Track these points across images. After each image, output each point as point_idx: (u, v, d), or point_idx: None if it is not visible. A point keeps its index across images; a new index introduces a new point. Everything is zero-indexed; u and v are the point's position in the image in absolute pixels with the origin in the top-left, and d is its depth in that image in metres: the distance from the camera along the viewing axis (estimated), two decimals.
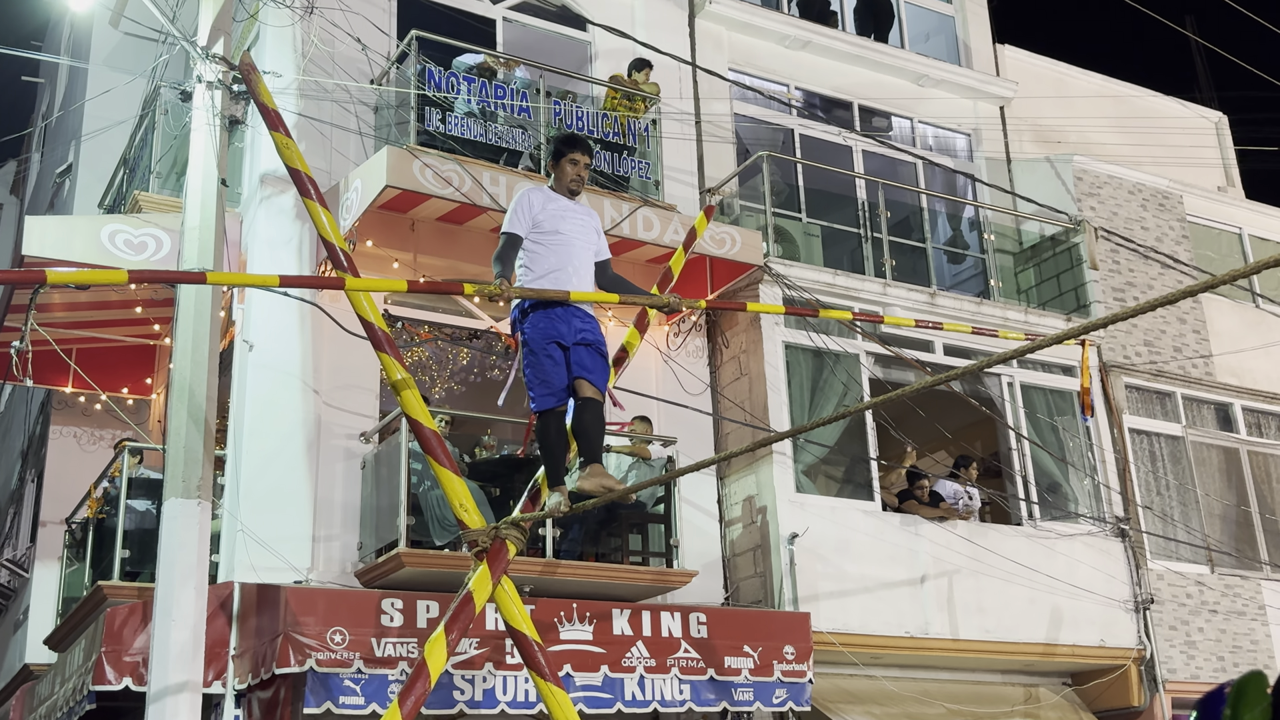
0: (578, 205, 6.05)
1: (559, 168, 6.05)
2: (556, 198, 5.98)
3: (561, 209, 5.92)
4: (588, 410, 5.70)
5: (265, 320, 9.69)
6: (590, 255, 5.97)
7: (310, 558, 9.30)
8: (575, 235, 5.90)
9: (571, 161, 6.00)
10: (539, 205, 5.87)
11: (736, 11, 13.05)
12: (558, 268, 5.76)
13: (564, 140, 6.17)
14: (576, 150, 6.05)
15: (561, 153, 6.07)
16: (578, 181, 6.03)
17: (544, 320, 5.66)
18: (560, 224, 5.86)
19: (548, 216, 5.85)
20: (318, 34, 10.11)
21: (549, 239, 5.81)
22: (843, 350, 11.55)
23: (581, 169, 6.04)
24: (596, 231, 6.08)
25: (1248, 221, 15.16)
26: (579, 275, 5.82)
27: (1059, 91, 15.37)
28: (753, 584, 10.80)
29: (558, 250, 5.80)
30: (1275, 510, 13.70)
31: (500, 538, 5.65)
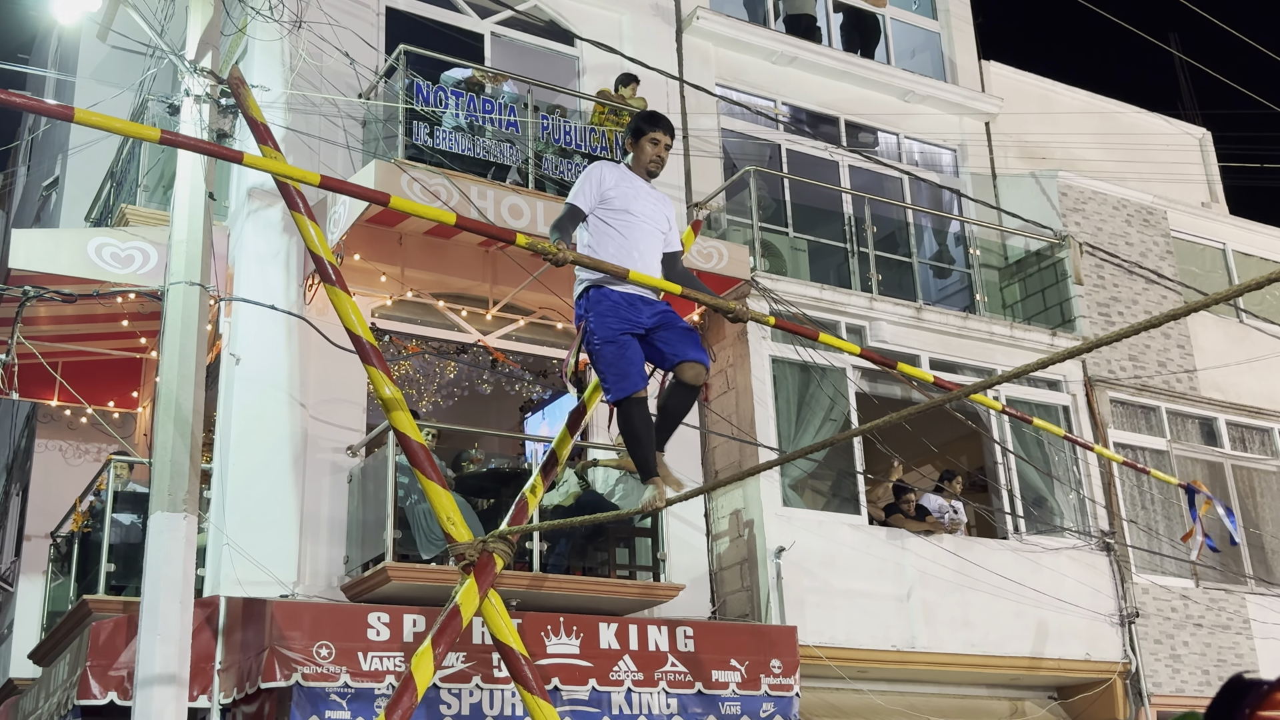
0: (653, 190, 5.63)
1: (638, 146, 5.60)
2: (632, 177, 5.56)
3: (635, 190, 5.51)
4: (682, 395, 5.35)
5: (252, 334, 9.69)
6: (659, 244, 5.55)
7: (296, 572, 9.27)
8: (646, 218, 5.49)
9: (652, 141, 5.57)
10: (611, 181, 5.46)
11: (723, 27, 13.12)
12: (622, 251, 5.32)
13: (646, 117, 5.69)
14: (659, 129, 5.60)
15: (642, 130, 5.61)
16: (657, 163, 5.60)
17: (611, 312, 5.25)
18: (631, 204, 5.44)
19: (619, 194, 5.44)
20: (306, 48, 10.13)
21: (617, 218, 5.41)
22: (829, 364, 11.58)
23: (662, 150, 5.60)
24: (669, 220, 5.66)
25: (1231, 237, 15.27)
26: (645, 262, 5.35)
27: (1044, 107, 15.47)
28: (740, 598, 10.80)
29: (625, 231, 5.39)
30: (1260, 525, 13.77)
31: (487, 551, 5.65)
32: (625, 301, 5.26)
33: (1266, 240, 15.53)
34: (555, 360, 11.39)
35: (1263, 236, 15.53)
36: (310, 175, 4.19)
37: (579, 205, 5.39)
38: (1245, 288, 3.37)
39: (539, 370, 11.62)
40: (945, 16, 15.31)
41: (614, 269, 4.96)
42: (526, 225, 9.77)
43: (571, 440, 6.65)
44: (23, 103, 3.47)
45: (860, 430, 5.18)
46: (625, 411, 5.25)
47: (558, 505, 9.87)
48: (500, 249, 10.45)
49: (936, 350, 12.22)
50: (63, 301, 9.79)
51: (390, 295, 10.25)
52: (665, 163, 5.64)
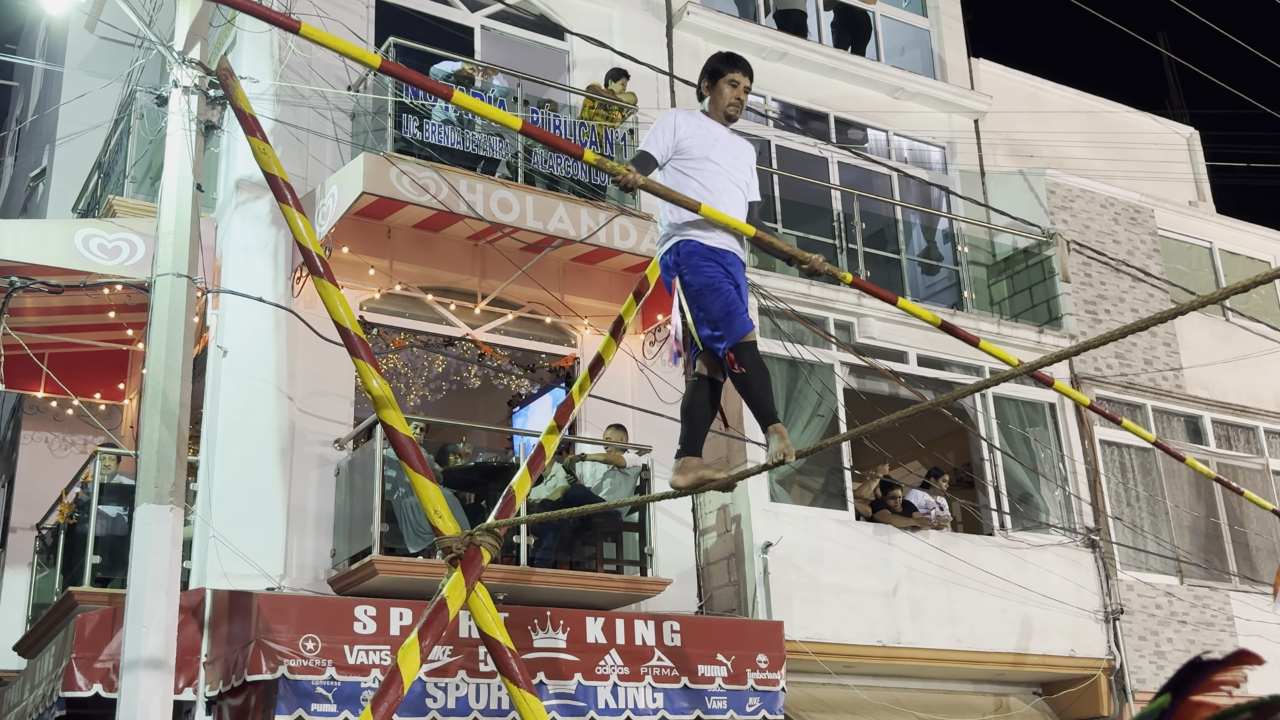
0: (733, 135, 5.30)
1: (716, 89, 5.28)
2: (709, 123, 5.24)
3: (714, 137, 5.19)
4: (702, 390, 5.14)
5: (240, 326, 9.67)
6: (742, 193, 5.21)
7: (283, 564, 9.26)
8: (727, 167, 5.16)
9: (731, 83, 5.24)
10: (687, 129, 5.14)
11: (714, 23, 13.12)
12: (705, 198, 5.00)
13: (723, 58, 5.36)
14: (737, 69, 5.26)
15: (719, 72, 5.28)
16: (736, 106, 5.27)
17: (705, 260, 4.95)
18: (711, 151, 5.13)
19: (697, 143, 5.12)
20: (295, 40, 10.10)
21: (697, 168, 5.09)
22: (817, 360, 11.61)
23: (742, 92, 5.26)
24: (751, 168, 5.33)
25: (1218, 236, 15.33)
26: (729, 211, 5.05)
27: (1033, 106, 15.51)
28: (726, 593, 10.83)
29: (707, 181, 5.07)
30: (1244, 522, 13.84)
31: (475, 544, 5.65)
32: (717, 255, 4.97)
33: (1253, 239, 15.60)
34: (543, 355, 11.39)
35: (1249, 235, 15.60)
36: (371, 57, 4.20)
37: (651, 152, 5.08)
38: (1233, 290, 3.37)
39: (527, 364, 11.62)
40: (935, 14, 15.33)
41: (685, 200, 4.68)
42: (515, 219, 9.78)
43: (559, 434, 6.66)
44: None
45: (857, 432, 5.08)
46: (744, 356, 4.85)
47: (545, 500, 9.88)
48: (489, 242, 10.44)
49: (924, 347, 12.26)
50: (49, 292, 9.75)
51: (379, 288, 10.24)
52: (745, 106, 5.33)
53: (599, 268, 11.08)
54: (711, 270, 4.93)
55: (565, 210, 10.02)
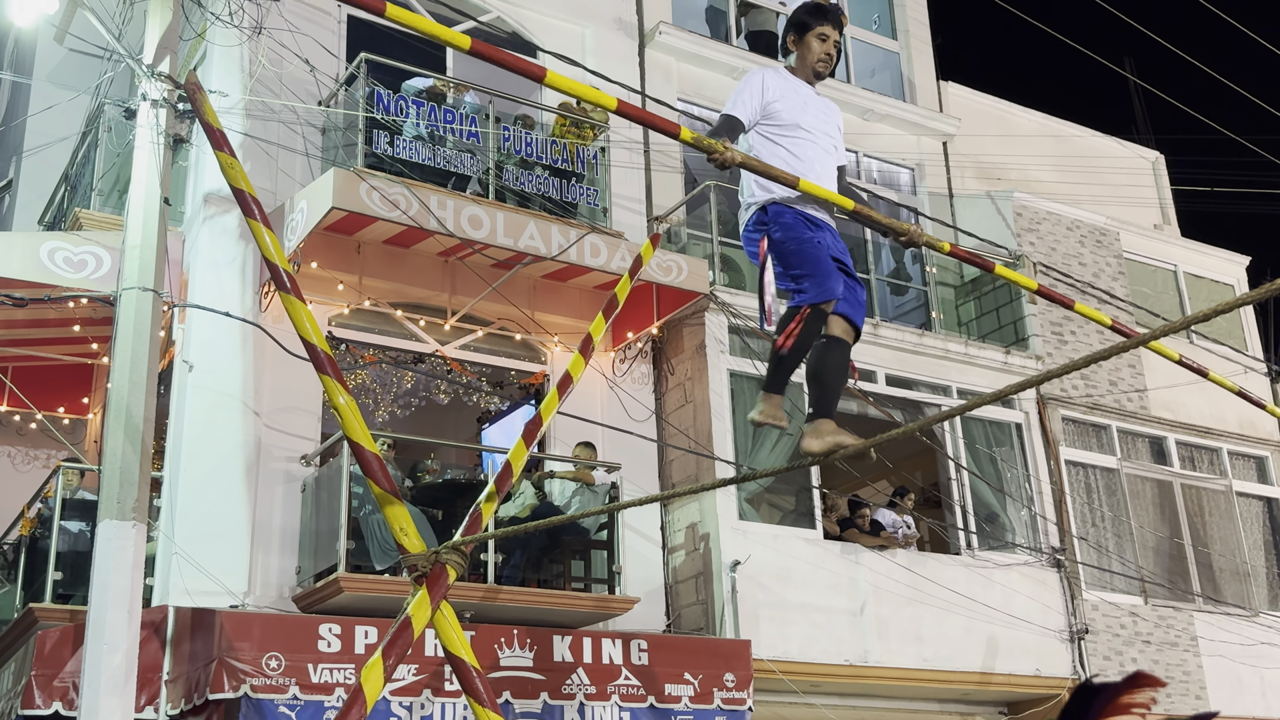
0: (819, 95, 4.88)
1: (804, 44, 4.83)
2: (797, 83, 4.80)
3: (803, 98, 4.76)
4: (835, 351, 4.61)
5: (206, 340, 9.60)
6: (834, 159, 4.82)
7: (247, 582, 9.19)
8: (819, 130, 4.75)
9: (820, 37, 4.80)
10: (775, 90, 4.70)
11: (685, 43, 13.18)
12: (797, 167, 4.56)
13: (810, 9, 4.86)
14: (827, 21, 4.81)
15: (806, 25, 4.83)
16: (826, 62, 4.83)
17: (795, 222, 4.56)
18: (802, 116, 4.71)
19: (786, 106, 4.69)
20: (265, 54, 10.08)
21: (787, 134, 4.68)
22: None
23: (831, 46, 4.83)
24: (839, 129, 4.92)
25: (1183, 259, 15.52)
26: (823, 180, 4.67)
27: (1001, 129, 15.66)
28: (694, 611, 10.82)
29: (798, 150, 4.67)
30: (1208, 543, 13.97)
31: (440, 562, 5.61)
32: (809, 222, 4.59)
33: (1217, 262, 15.80)
34: (513, 372, 11.37)
35: (1213, 259, 15.80)
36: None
37: (738, 115, 4.63)
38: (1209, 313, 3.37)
39: (497, 381, 11.60)
40: (905, 37, 15.48)
41: (784, 175, 4.29)
42: (486, 236, 9.77)
43: (527, 451, 6.64)
44: None
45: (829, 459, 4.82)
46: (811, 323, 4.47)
47: (514, 517, 9.85)
48: (460, 259, 10.43)
49: (892, 366, 12.33)
50: (14, 305, 9.66)
51: (348, 304, 10.20)
52: (835, 61, 4.87)
53: (570, 285, 11.09)
54: (805, 231, 4.56)
55: (536, 227, 10.03)
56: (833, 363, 4.62)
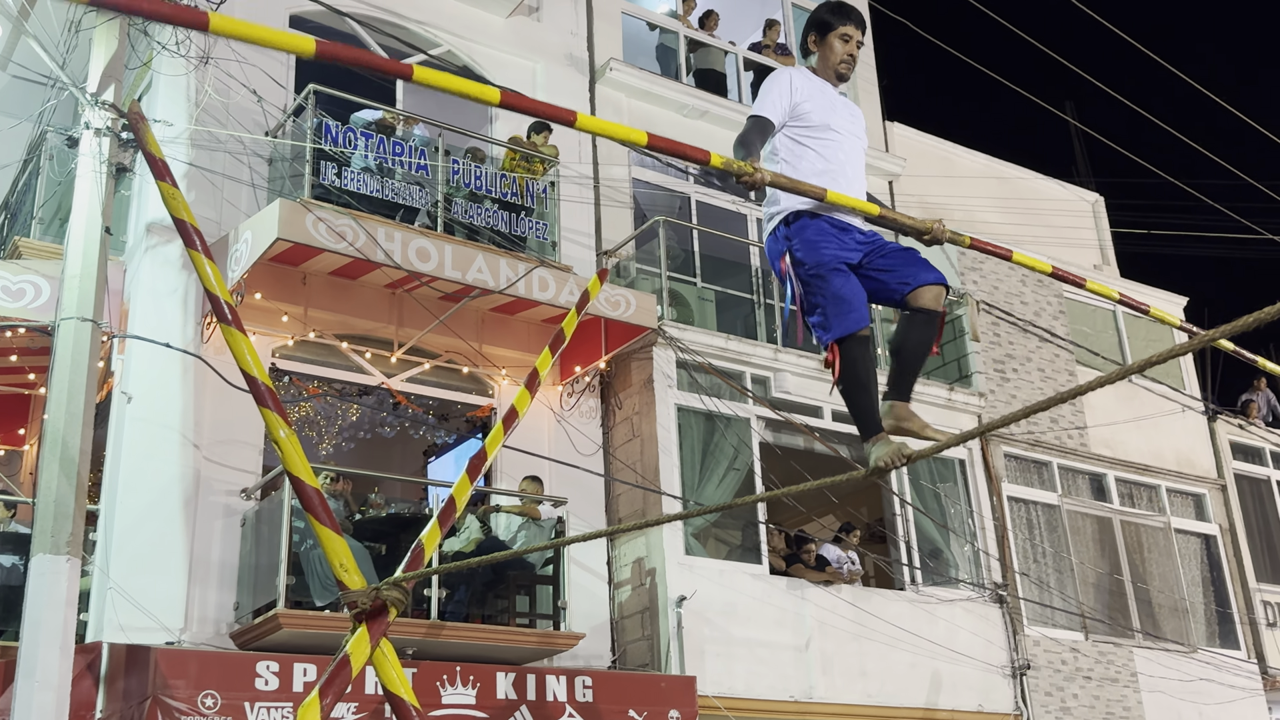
0: (842, 96, 4.76)
1: (825, 44, 4.68)
2: (821, 83, 4.65)
3: (830, 100, 4.63)
4: (922, 325, 4.39)
5: (145, 372, 9.46)
6: (862, 160, 4.71)
7: (184, 618, 9.02)
8: (847, 131, 4.62)
9: (843, 38, 4.66)
10: (804, 90, 4.56)
11: (636, 79, 13.28)
12: (826, 177, 4.42)
13: (832, 8, 4.72)
14: (850, 22, 4.68)
15: (829, 25, 4.68)
16: (849, 63, 4.69)
17: (818, 234, 4.39)
18: (831, 117, 4.57)
19: (816, 106, 4.54)
20: (212, 84, 10.02)
21: (816, 135, 4.52)
22: (734, 414, 11.69)
23: (854, 47, 4.70)
24: (864, 132, 4.82)
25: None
26: (852, 186, 4.50)
27: (945, 170, 15.91)
28: (640, 647, 10.77)
29: (828, 150, 4.52)
30: (1147, 579, 14.15)
31: (381, 599, 5.55)
32: (833, 227, 4.42)
33: (1155, 303, 16.02)
34: (459, 404, 11.31)
35: (1151, 299, 16.10)
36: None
37: (769, 117, 4.48)
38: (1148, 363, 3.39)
39: (443, 414, 11.53)
40: (852, 78, 15.65)
41: (813, 190, 4.17)
42: (434, 269, 9.74)
43: (471, 486, 6.60)
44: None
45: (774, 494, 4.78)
46: (849, 354, 4.29)
47: (459, 552, 9.77)
48: (407, 291, 10.38)
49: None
50: None
51: (292, 335, 10.11)
52: (856, 63, 4.74)
53: (518, 318, 11.07)
54: (828, 250, 4.38)
55: (484, 260, 10.01)
56: (915, 339, 4.38)
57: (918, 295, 4.38)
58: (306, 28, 11.35)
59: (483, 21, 12.41)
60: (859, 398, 4.35)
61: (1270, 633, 14.91)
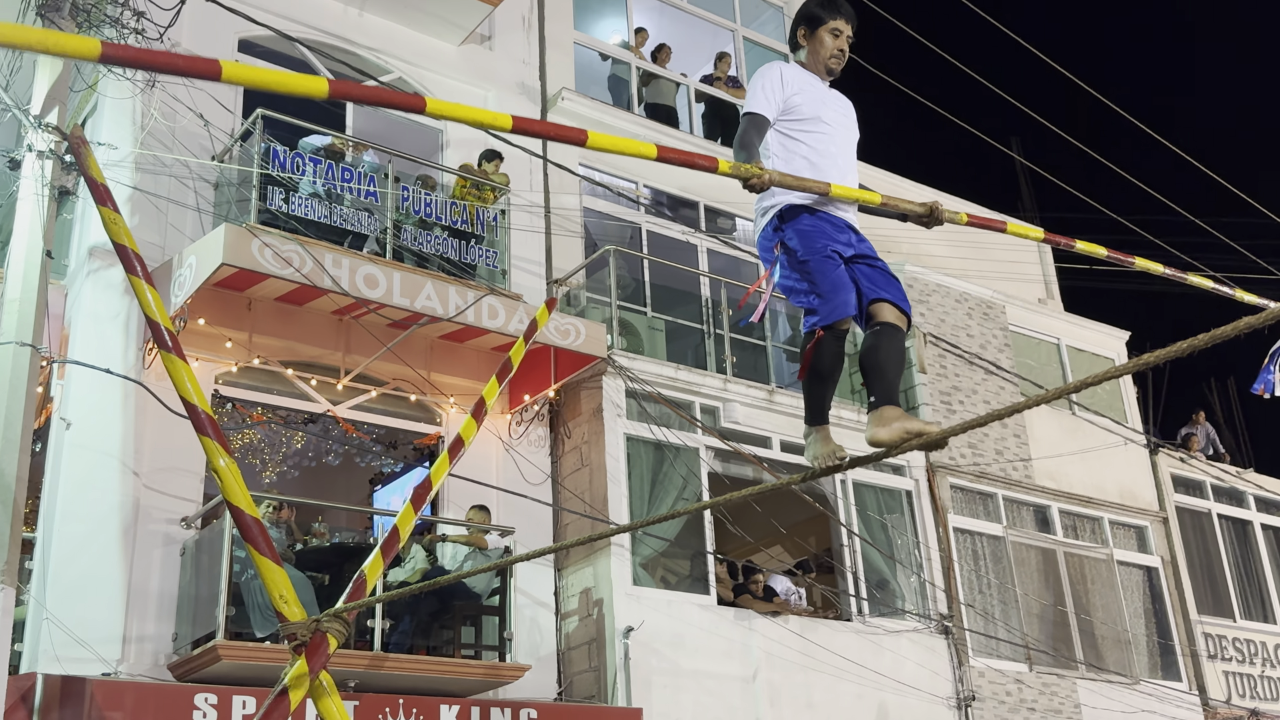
0: (832, 90, 4.72)
1: (815, 39, 4.66)
2: (813, 78, 4.64)
3: (820, 92, 4.61)
4: (888, 338, 4.40)
5: (85, 397, 9.30)
6: (854, 153, 4.70)
7: (121, 649, 8.84)
8: (839, 126, 4.62)
9: (833, 32, 4.63)
10: (795, 82, 4.55)
11: (588, 109, 13.33)
12: (817, 171, 4.45)
13: (823, 3, 4.69)
14: (840, 15, 4.66)
15: (819, 19, 4.66)
16: (839, 59, 4.67)
17: (812, 225, 4.38)
18: (822, 109, 4.57)
19: (807, 99, 4.54)
20: (158, 108, 9.92)
21: (808, 128, 4.52)
22: (683, 444, 11.69)
23: (844, 42, 4.67)
24: (856, 125, 4.81)
25: (1065, 333, 16.04)
26: (846, 178, 4.51)
27: None
28: (586, 678, 10.70)
29: (818, 145, 4.51)
30: (1090, 611, 14.29)
31: (321, 631, 5.48)
32: (828, 222, 4.42)
33: (1097, 336, 16.36)
34: (407, 433, 11.23)
35: (1094, 333, 16.36)
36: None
37: (763, 113, 4.48)
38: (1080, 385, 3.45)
39: (390, 442, 11.43)
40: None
41: (815, 186, 4.21)
42: (382, 295, 9.68)
43: (416, 515, 6.54)
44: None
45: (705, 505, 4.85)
46: (825, 343, 4.33)
47: (404, 582, 9.66)
48: (354, 318, 10.30)
49: (787, 433, 12.45)
50: None
51: (236, 361, 10.00)
52: (846, 59, 4.72)
53: (467, 346, 11.02)
54: (821, 240, 4.38)
55: (433, 288, 9.97)
56: (885, 349, 4.39)
57: (881, 308, 4.40)
58: (255, 52, 11.30)
59: (435, 49, 12.41)
60: (817, 387, 4.41)
61: (1211, 664, 15.11)
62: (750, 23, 16.16)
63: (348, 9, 11.91)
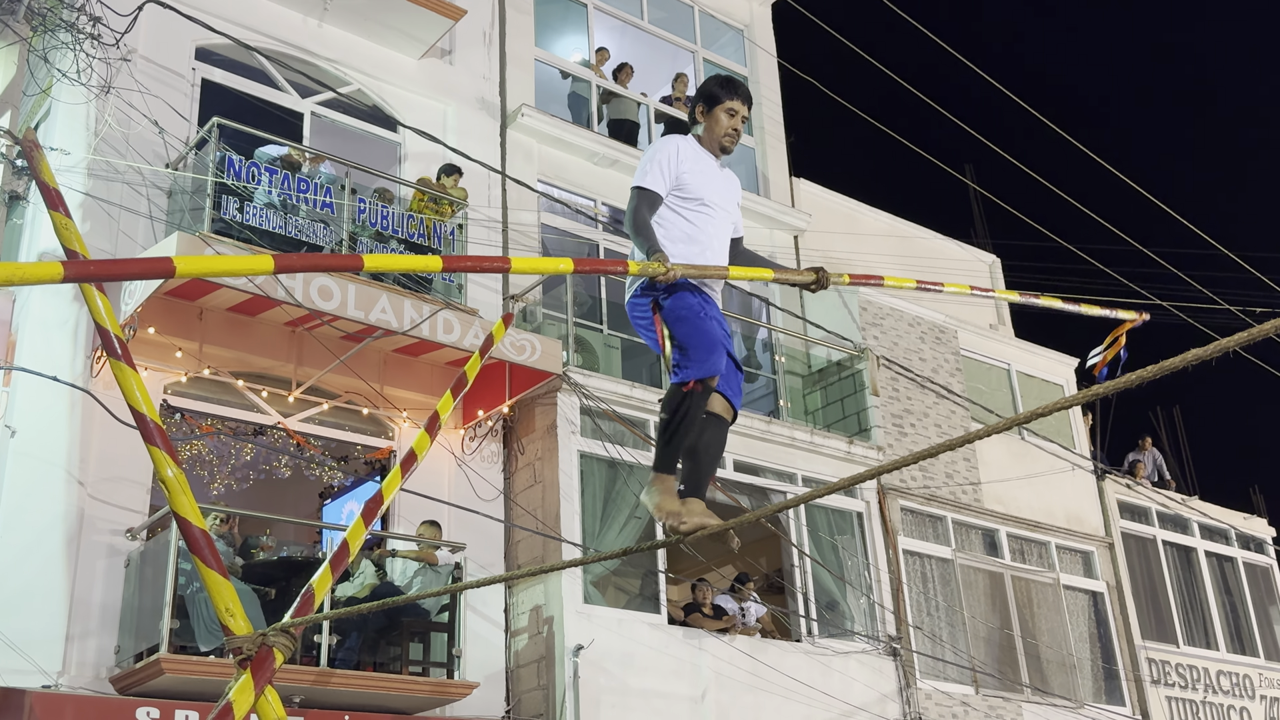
0: (723, 168, 4.91)
1: (711, 117, 4.82)
2: (705, 155, 4.81)
3: (709, 172, 4.78)
4: (714, 428, 4.56)
5: (31, 405, 9.16)
6: (729, 232, 4.86)
7: (62, 661, 8.69)
8: (719, 206, 4.80)
9: (729, 111, 4.80)
10: (689, 160, 4.71)
11: (547, 126, 13.35)
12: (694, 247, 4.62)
13: (720, 82, 4.89)
14: (736, 97, 4.83)
15: (716, 98, 4.82)
16: (733, 137, 4.85)
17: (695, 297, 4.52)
18: (706, 190, 4.73)
19: (694, 179, 4.70)
20: (113, 114, 9.81)
21: (692, 207, 4.69)
22: (636, 462, 11.69)
23: (739, 122, 4.85)
24: (737, 203, 4.98)
25: (1015, 358, 16.23)
26: (718, 259, 4.71)
27: (849, 226, 16.23)
28: (535, 697, 10.64)
29: (698, 222, 4.69)
30: (1036, 634, 14.43)
31: (267, 645, 5.40)
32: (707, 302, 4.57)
33: (1047, 363, 16.57)
34: (358, 446, 11.15)
35: (1044, 359, 16.57)
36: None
37: (656, 190, 4.63)
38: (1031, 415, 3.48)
39: (341, 455, 11.34)
40: (760, 133, 15.98)
41: (718, 273, 4.41)
42: (336, 308, 9.62)
43: (366, 529, 6.48)
44: None
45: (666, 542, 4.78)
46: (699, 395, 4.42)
47: (352, 597, 9.57)
48: (308, 330, 10.23)
49: (740, 453, 12.50)
50: None
51: (186, 371, 9.88)
52: (740, 137, 4.91)
53: (421, 360, 10.96)
54: (694, 299, 4.51)
55: (388, 301, 9.92)
56: (710, 440, 4.55)
57: (715, 399, 4.54)
58: (213, 60, 11.22)
59: (394, 62, 12.38)
60: (674, 438, 4.46)
61: (1154, 689, 15.29)
62: (710, 45, 16.27)
63: (307, 19, 11.86)
